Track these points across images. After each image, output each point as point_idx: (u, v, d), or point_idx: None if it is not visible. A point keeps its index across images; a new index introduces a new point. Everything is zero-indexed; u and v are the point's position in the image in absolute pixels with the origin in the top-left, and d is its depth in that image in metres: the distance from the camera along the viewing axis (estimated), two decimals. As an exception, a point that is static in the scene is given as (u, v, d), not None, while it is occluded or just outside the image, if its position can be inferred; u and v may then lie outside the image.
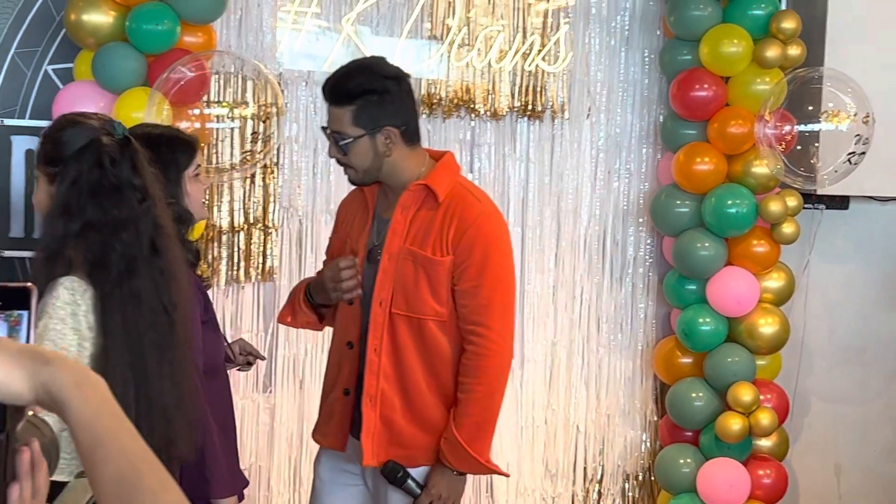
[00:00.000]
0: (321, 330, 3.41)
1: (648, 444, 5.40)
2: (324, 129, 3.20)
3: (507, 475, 3.54)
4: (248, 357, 3.57)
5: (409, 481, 3.13)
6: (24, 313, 1.10)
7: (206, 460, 2.90)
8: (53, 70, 4.54)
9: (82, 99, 4.18)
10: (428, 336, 3.16)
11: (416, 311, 3.15)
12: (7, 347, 1.07)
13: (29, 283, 1.11)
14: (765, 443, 5.03)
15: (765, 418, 4.81)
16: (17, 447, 1.07)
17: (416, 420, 3.20)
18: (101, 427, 1.08)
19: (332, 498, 3.37)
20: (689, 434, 5.09)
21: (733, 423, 4.81)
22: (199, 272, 3.20)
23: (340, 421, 3.30)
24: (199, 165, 3.11)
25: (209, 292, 3.49)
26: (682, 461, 5.02)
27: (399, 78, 3.17)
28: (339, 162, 3.17)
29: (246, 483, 3.20)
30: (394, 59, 4.59)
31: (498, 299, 3.14)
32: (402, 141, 3.13)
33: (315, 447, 3.54)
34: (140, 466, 1.08)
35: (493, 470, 3.21)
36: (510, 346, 3.21)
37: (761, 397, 4.87)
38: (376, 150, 3.10)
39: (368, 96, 3.08)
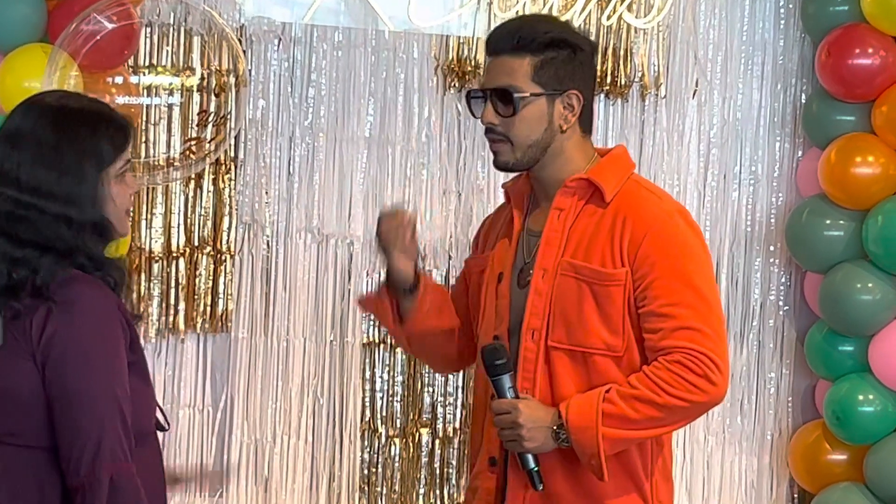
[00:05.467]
0: (401, 334, 3.22)
1: (784, 578, 5.31)
2: (472, 93, 3.13)
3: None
4: None
5: (507, 379, 2.96)
6: None
7: None
8: None
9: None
10: (597, 377, 2.98)
11: (580, 342, 3.00)
12: None
13: None
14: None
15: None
16: None
17: (581, 489, 3.01)
18: None
19: None
20: (845, 566, 4.98)
21: (907, 550, 4.74)
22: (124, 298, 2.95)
23: (486, 501, 3.14)
24: (129, 161, 2.90)
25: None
26: None
27: (590, 42, 3.17)
28: (490, 134, 3.05)
29: None
30: (408, 10, 4.75)
31: (709, 319, 2.94)
32: (579, 121, 3.08)
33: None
34: None
35: (601, 460, 2.93)
36: (727, 385, 2.96)
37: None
38: (551, 120, 3.04)
39: (559, 49, 3.03)
